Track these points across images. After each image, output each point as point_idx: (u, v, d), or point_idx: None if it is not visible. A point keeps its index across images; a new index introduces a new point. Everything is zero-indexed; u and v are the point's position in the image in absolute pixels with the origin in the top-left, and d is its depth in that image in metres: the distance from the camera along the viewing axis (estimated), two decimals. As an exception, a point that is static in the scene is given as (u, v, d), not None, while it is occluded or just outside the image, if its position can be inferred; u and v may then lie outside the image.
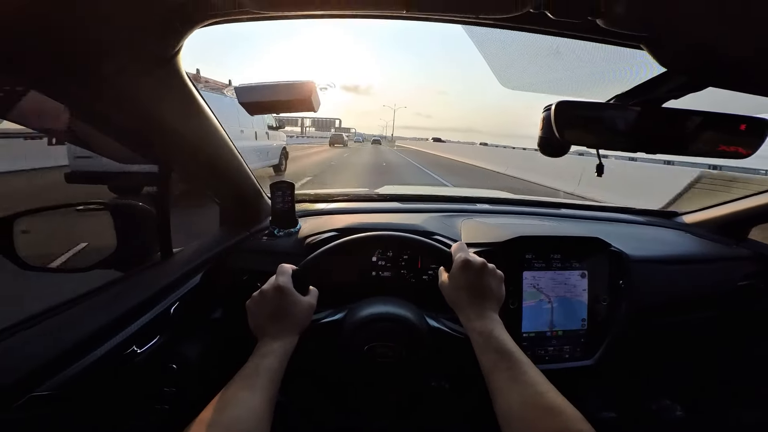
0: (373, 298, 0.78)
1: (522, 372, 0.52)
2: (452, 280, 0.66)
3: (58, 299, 0.63)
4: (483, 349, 0.57)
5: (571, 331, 0.91)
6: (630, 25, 0.40)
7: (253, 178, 0.96)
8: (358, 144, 57.98)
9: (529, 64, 0.63)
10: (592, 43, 0.57)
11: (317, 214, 1.12)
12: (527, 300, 0.89)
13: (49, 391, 0.49)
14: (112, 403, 0.60)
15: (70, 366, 0.52)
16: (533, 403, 0.48)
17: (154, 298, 0.69)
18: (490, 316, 0.60)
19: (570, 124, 0.62)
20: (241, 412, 0.47)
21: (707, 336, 1.13)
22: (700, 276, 1.08)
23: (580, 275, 0.91)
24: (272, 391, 0.52)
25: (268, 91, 0.58)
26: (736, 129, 0.63)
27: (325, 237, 0.90)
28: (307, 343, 0.64)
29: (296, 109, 0.61)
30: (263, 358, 0.55)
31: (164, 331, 0.69)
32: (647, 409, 1.19)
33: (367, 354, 0.72)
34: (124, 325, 0.61)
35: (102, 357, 0.56)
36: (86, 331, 0.56)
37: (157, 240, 0.79)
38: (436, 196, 1.38)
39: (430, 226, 0.98)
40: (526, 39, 0.56)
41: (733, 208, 1.22)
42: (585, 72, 0.66)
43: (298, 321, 0.62)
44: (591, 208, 1.40)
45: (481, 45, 0.58)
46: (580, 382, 0.96)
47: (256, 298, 0.63)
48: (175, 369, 0.72)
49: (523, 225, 1.07)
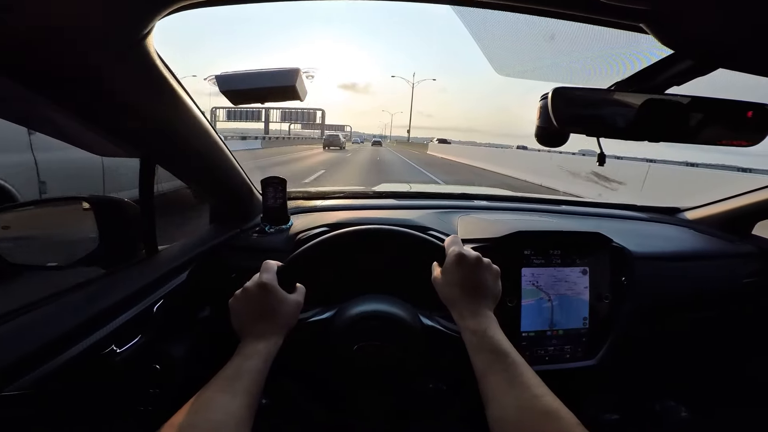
0: (365, 296, 0.75)
1: (518, 374, 0.49)
2: (445, 276, 0.63)
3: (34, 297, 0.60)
4: (476, 349, 0.54)
5: (572, 330, 0.88)
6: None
7: (243, 173, 0.93)
8: (357, 145, 53.79)
9: (524, 49, 0.61)
10: (589, 26, 0.54)
11: (311, 210, 1.10)
12: (526, 298, 0.86)
13: (20, 390, 0.46)
14: (90, 403, 0.57)
15: (43, 365, 0.50)
16: (530, 407, 0.45)
17: (136, 296, 0.66)
18: (484, 314, 0.58)
19: (567, 112, 0.59)
20: (219, 416, 0.44)
21: (711, 334, 1.10)
22: (704, 273, 1.05)
23: (582, 272, 0.88)
24: (254, 394, 0.49)
25: (250, 79, 0.56)
26: (743, 116, 0.60)
27: (315, 233, 0.88)
28: (294, 342, 0.61)
29: (281, 98, 0.59)
30: (245, 359, 0.52)
31: (146, 330, 0.66)
32: (650, 410, 1.16)
33: (358, 354, 0.69)
34: (103, 323, 0.59)
35: (77, 356, 0.53)
36: (61, 328, 0.54)
37: (142, 237, 0.76)
38: (433, 193, 1.36)
39: (425, 221, 0.96)
40: (520, 21, 0.53)
41: (736, 204, 1.20)
42: (583, 58, 0.63)
43: (283, 320, 0.59)
44: (591, 204, 1.38)
45: (473, 29, 0.55)
46: (581, 384, 0.93)
47: (239, 296, 0.60)
48: (159, 369, 0.69)
49: (521, 220, 1.04)
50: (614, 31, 0.56)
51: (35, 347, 0.50)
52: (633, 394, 1.16)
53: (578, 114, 0.60)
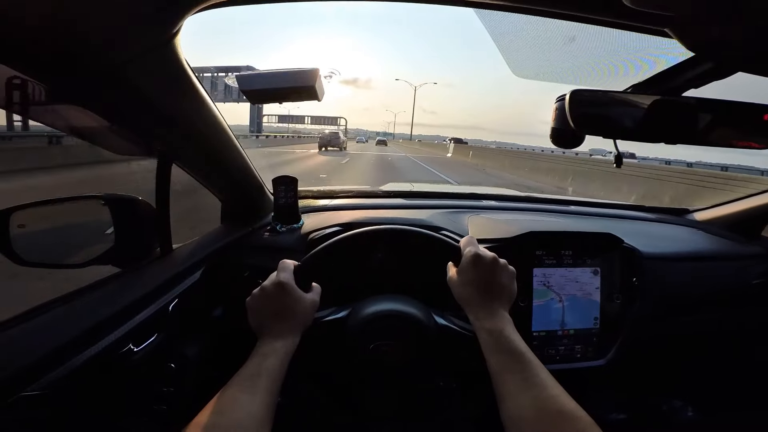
0: (379, 296, 0.76)
1: (534, 375, 0.49)
2: (461, 276, 0.63)
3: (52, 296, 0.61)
4: (492, 349, 0.54)
5: (583, 330, 0.88)
6: (658, 3, 0.38)
7: (255, 172, 0.94)
8: (361, 144, 47.18)
9: (543, 52, 0.61)
10: (611, 29, 0.54)
11: (320, 210, 1.10)
12: (537, 298, 0.86)
13: (39, 390, 0.47)
14: (107, 402, 0.58)
15: (62, 365, 0.50)
16: (546, 407, 0.45)
17: (152, 295, 0.66)
18: (500, 315, 0.58)
19: (585, 114, 0.60)
20: (240, 415, 0.45)
21: (721, 335, 1.10)
22: (713, 274, 1.05)
23: (593, 272, 0.89)
24: (273, 393, 0.50)
25: (270, 79, 0.56)
26: (760, 119, 0.60)
27: (328, 232, 0.88)
28: (310, 341, 0.61)
29: (300, 98, 0.59)
30: (264, 358, 0.52)
31: (162, 329, 0.67)
32: (658, 409, 1.16)
33: (372, 353, 0.69)
34: (121, 322, 0.59)
35: (96, 355, 0.53)
36: (81, 328, 0.54)
37: (157, 235, 0.77)
38: (441, 192, 1.36)
39: (436, 221, 0.96)
40: (542, 24, 0.53)
41: (746, 205, 1.19)
42: (601, 60, 0.63)
43: (300, 319, 0.60)
44: (600, 205, 1.38)
45: (493, 31, 0.55)
46: (591, 383, 0.94)
47: (256, 295, 0.60)
48: (174, 368, 0.69)
49: (533, 221, 1.04)
50: (632, 33, 0.56)
51: (55, 347, 0.50)
52: (641, 394, 1.17)
53: (595, 116, 0.60)
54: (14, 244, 0.66)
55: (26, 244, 0.71)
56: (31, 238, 0.72)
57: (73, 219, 0.79)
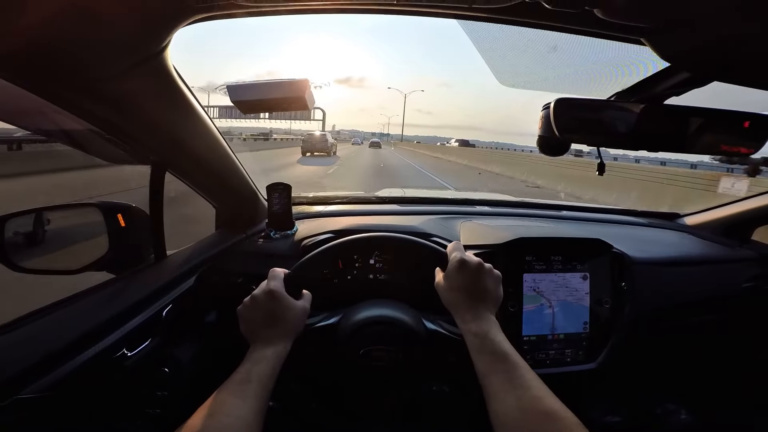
0: (369, 301, 0.77)
1: (518, 375, 0.50)
2: (447, 281, 0.64)
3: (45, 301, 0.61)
4: (478, 351, 0.55)
5: (573, 334, 0.89)
6: (630, 16, 0.39)
7: (249, 179, 0.95)
8: (356, 147, 45.01)
9: (526, 61, 0.62)
10: (591, 38, 0.55)
11: (315, 216, 1.11)
12: (527, 304, 0.87)
13: (34, 393, 0.48)
14: (101, 406, 0.58)
15: (57, 368, 0.51)
16: (530, 408, 0.46)
17: (146, 301, 0.67)
18: (486, 318, 0.59)
19: (569, 122, 0.61)
20: (230, 419, 0.46)
21: (712, 339, 1.11)
22: (703, 278, 1.06)
23: (582, 277, 0.90)
24: (264, 399, 0.51)
25: (260, 89, 0.57)
26: (740, 126, 0.61)
27: (321, 239, 0.89)
28: (301, 348, 0.62)
29: (290, 108, 0.60)
30: (255, 365, 0.53)
31: (156, 334, 0.68)
32: (652, 413, 1.17)
33: (363, 358, 0.70)
34: (115, 327, 0.60)
35: (90, 359, 0.54)
36: (75, 333, 0.55)
37: (151, 242, 0.78)
38: (435, 198, 1.37)
39: (428, 227, 0.97)
40: (523, 34, 0.55)
41: (736, 210, 1.21)
42: (584, 69, 0.64)
43: (291, 326, 0.61)
44: (592, 209, 1.39)
45: (477, 41, 0.57)
46: (582, 387, 0.94)
47: (247, 303, 0.61)
48: (168, 373, 0.70)
49: (523, 226, 1.05)
50: (612, 42, 0.58)
51: (49, 351, 0.51)
52: (633, 397, 1.17)
53: (579, 124, 0.61)
54: (9, 250, 0.67)
55: (21, 250, 0.72)
56: (26, 244, 0.74)
57: (67, 226, 0.80)
